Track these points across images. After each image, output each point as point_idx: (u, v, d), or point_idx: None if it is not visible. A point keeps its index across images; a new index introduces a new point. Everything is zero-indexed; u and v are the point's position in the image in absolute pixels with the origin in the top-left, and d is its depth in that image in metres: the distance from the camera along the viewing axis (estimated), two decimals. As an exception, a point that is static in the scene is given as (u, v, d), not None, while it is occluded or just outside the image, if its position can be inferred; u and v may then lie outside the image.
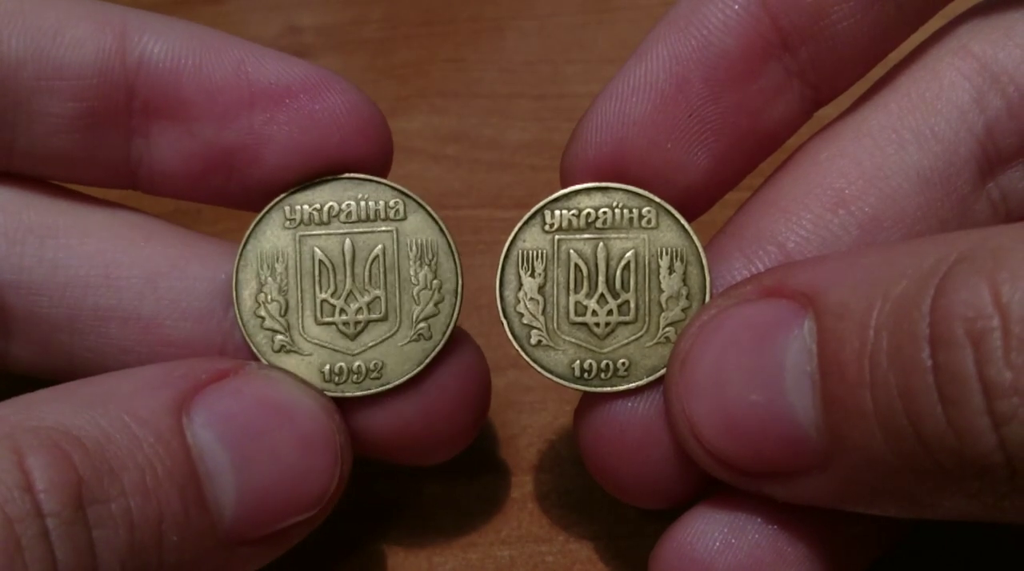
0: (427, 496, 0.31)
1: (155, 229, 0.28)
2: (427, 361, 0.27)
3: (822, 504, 0.24)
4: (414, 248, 0.27)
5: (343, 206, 0.27)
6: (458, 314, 0.27)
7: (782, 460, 0.23)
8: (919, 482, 0.21)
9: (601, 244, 0.27)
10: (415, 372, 0.27)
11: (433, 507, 0.31)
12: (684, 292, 0.27)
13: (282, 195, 0.27)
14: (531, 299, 0.27)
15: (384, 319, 0.27)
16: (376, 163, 0.27)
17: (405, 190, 0.27)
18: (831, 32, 0.26)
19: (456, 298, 0.27)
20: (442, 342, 0.27)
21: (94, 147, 0.27)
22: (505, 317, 0.27)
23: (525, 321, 0.27)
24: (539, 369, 0.27)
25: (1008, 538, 0.29)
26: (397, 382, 0.27)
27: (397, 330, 0.27)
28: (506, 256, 0.27)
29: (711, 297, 0.26)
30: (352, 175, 0.27)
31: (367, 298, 0.27)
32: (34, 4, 0.27)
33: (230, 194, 0.28)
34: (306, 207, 0.27)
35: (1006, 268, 0.20)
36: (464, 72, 0.47)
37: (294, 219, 0.27)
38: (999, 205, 0.27)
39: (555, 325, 0.27)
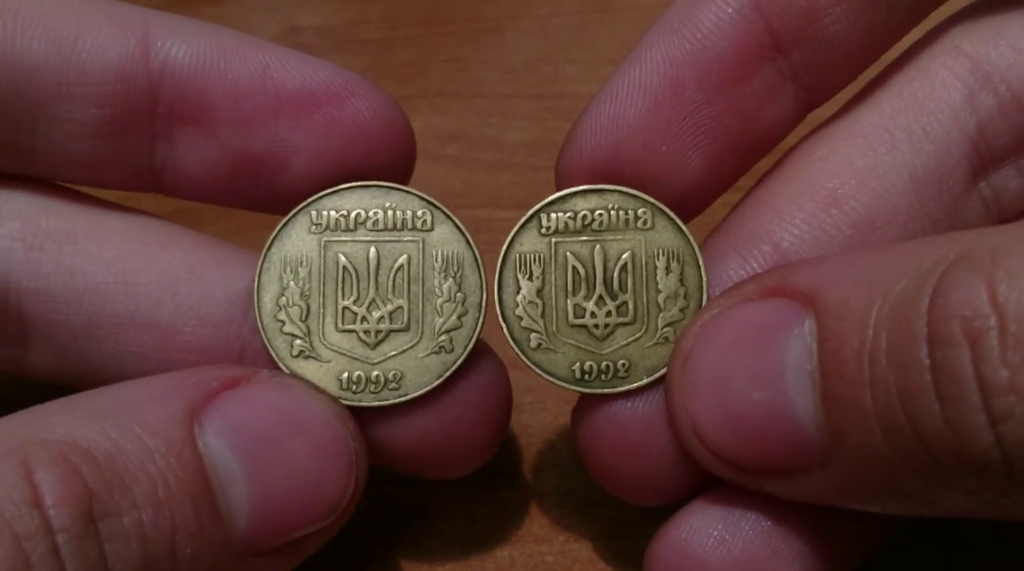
0: (427, 497, 0.31)
1: (173, 235, 0.28)
2: (447, 374, 0.26)
3: (823, 501, 0.24)
4: (440, 259, 0.27)
5: (370, 214, 0.27)
6: (481, 328, 0.27)
7: (783, 457, 0.23)
8: (918, 479, 0.21)
9: (598, 246, 0.27)
10: (434, 385, 0.26)
11: (433, 507, 0.31)
12: (681, 292, 0.27)
13: (309, 199, 0.27)
14: (530, 302, 0.27)
15: (406, 329, 0.27)
16: (400, 166, 0.27)
17: (434, 201, 0.27)
18: (824, 35, 0.26)
19: (480, 312, 0.27)
20: (463, 356, 0.26)
21: (117, 152, 0.27)
22: (504, 321, 0.27)
23: (524, 325, 0.27)
24: (540, 372, 0.27)
25: (1008, 535, 0.29)
26: (415, 394, 0.26)
27: (418, 341, 0.27)
28: (503, 260, 0.27)
29: (709, 296, 0.26)
30: (381, 183, 0.27)
31: (390, 307, 0.27)
32: (55, 8, 0.26)
33: (256, 199, 0.28)
34: (333, 213, 0.27)
35: (1003, 268, 0.20)
36: (464, 72, 0.47)
37: (320, 224, 0.27)
38: (991, 204, 0.27)
39: (554, 328, 0.27)
